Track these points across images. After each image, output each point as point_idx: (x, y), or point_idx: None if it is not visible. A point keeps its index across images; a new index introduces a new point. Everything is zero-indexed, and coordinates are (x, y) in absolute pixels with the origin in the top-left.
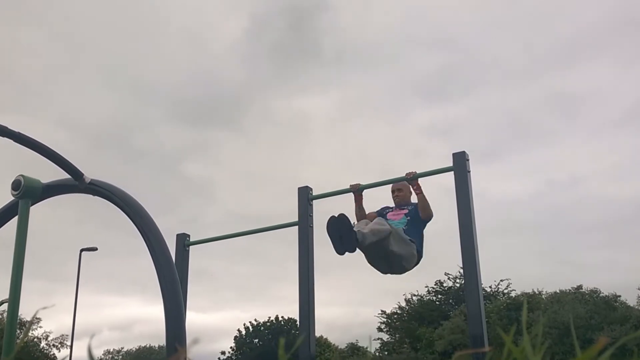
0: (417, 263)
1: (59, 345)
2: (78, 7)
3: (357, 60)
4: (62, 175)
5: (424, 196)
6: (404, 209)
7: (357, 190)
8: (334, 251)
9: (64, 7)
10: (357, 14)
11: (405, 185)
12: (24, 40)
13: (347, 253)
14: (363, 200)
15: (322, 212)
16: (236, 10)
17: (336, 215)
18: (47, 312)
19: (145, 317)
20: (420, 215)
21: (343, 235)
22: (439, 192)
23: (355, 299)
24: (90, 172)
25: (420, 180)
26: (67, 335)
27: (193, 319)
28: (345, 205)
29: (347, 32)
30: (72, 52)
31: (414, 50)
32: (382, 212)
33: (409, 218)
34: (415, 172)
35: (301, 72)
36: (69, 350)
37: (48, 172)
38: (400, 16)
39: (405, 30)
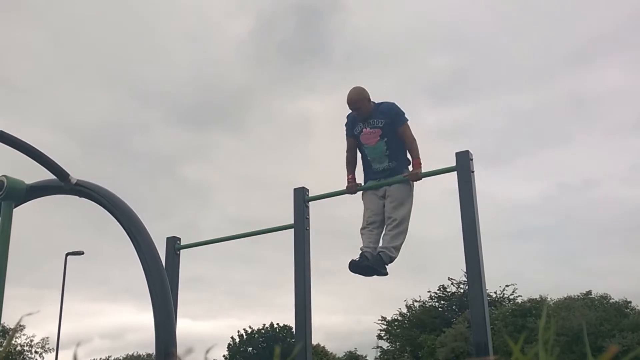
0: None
1: (42, 351)
2: (79, 7)
3: (365, 61)
4: (49, 177)
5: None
6: (375, 127)
7: (354, 192)
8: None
9: (64, 7)
10: (366, 14)
11: (360, 98)
12: (22, 40)
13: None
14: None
15: (320, 214)
16: (241, 10)
17: (356, 260)
18: (35, 319)
19: (138, 324)
20: (394, 128)
21: (368, 272)
22: (443, 195)
23: (357, 306)
24: (84, 175)
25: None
26: (47, 338)
27: (185, 326)
28: (343, 207)
29: (355, 33)
30: (71, 53)
31: (423, 51)
32: (353, 130)
33: (385, 139)
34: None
35: (306, 73)
36: (54, 355)
37: (38, 174)
38: (410, 17)
39: (414, 31)
